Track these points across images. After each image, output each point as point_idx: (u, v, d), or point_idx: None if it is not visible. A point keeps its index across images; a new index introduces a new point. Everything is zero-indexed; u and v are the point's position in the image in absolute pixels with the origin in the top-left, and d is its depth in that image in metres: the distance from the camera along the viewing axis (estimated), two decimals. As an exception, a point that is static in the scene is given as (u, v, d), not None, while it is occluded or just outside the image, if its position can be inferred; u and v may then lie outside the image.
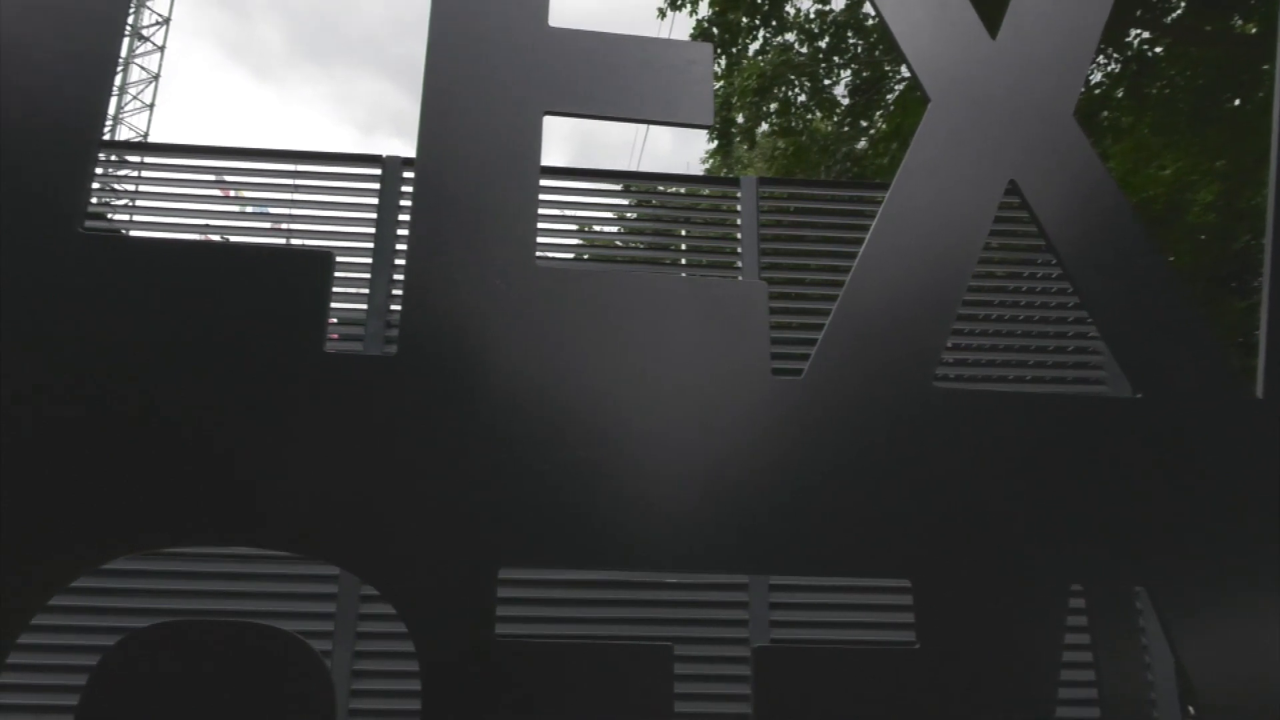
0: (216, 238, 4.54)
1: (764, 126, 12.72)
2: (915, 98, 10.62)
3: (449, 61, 1.06)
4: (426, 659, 0.89)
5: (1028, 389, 4.15)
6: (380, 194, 4.10)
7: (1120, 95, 9.85)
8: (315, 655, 0.88)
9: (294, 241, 4.39)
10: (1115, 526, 1.04)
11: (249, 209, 4.53)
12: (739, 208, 4.31)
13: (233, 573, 3.70)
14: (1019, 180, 1.14)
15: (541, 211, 1.03)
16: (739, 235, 4.27)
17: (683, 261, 4.82)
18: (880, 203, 1.13)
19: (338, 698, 0.90)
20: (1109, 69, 9.98)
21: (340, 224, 4.19)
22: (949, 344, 1.09)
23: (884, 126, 12.05)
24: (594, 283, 1.02)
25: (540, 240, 1.11)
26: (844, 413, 1.04)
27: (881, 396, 1.04)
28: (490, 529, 0.92)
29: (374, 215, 4.09)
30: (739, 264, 4.23)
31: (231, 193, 4.61)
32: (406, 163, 4.13)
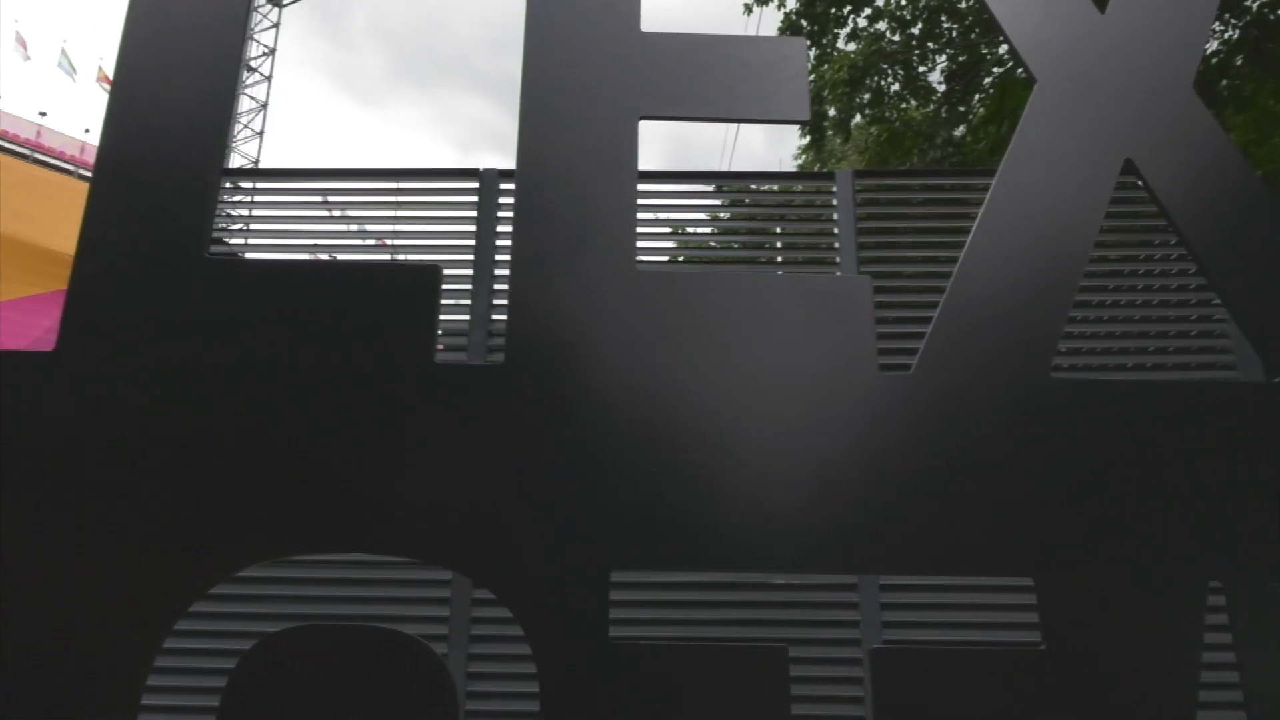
0: (325, 256, 4.72)
1: (857, 118, 12.50)
2: (1016, 79, 10.27)
3: (545, 72, 1.07)
4: (543, 662, 0.90)
5: (1150, 376, 3.95)
6: (479, 206, 4.19)
7: (1239, 63, 9.30)
8: (437, 658, 0.91)
9: (397, 256, 4.53)
10: (1254, 519, 0.98)
11: (354, 227, 4.70)
12: (835, 202, 4.24)
13: (350, 579, 3.83)
14: (1135, 159, 1.09)
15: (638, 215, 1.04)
16: (836, 230, 4.21)
17: (778, 259, 4.78)
18: (982, 189, 1.09)
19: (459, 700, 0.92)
20: (1226, 35, 9.44)
21: (441, 237, 4.30)
22: (1064, 332, 1.05)
23: (982, 111, 11.69)
24: (695, 284, 1.02)
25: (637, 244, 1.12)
26: (957, 406, 1.01)
27: (996, 388, 1.01)
28: (601, 533, 0.93)
29: (473, 227, 4.18)
30: (837, 259, 4.17)
31: (337, 212, 4.79)
32: (503, 174, 4.22)
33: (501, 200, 4.20)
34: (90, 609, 0.92)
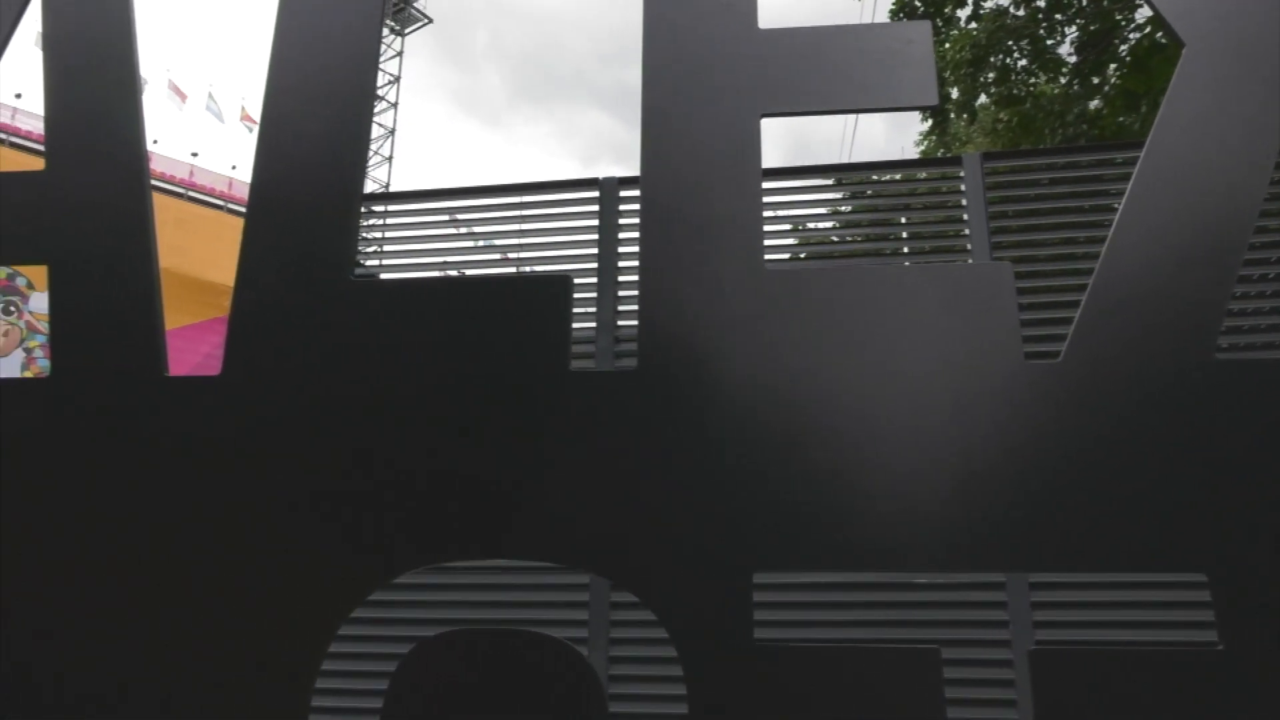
0: (454, 272, 4.88)
1: (982, 98, 12.03)
2: (1156, 45, 9.67)
3: (665, 76, 1.08)
4: (690, 665, 0.90)
5: (1323, 354, 3.65)
6: (600, 214, 4.26)
7: None
8: (585, 661, 0.92)
9: (522, 269, 4.65)
10: None
11: (480, 243, 4.84)
12: (963, 187, 4.10)
13: (491, 584, 3.95)
14: (1303, 120, 1.01)
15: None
16: (965, 216, 4.06)
17: (905, 250, 4.65)
18: (1124, 164, 1.03)
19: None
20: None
21: (564, 247, 4.39)
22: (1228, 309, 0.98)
23: (1119, 81, 11.06)
24: (826, 281, 1.00)
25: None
26: (1111, 393, 0.96)
27: (1154, 373, 0.95)
28: (742, 535, 0.93)
29: (595, 235, 4.25)
30: (968, 246, 4.02)
31: (463, 229, 4.94)
32: (623, 182, 4.27)
33: (622, 207, 4.25)
34: (260, 616, 0.98)
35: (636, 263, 3.48)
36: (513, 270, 4.77)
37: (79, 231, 1.15)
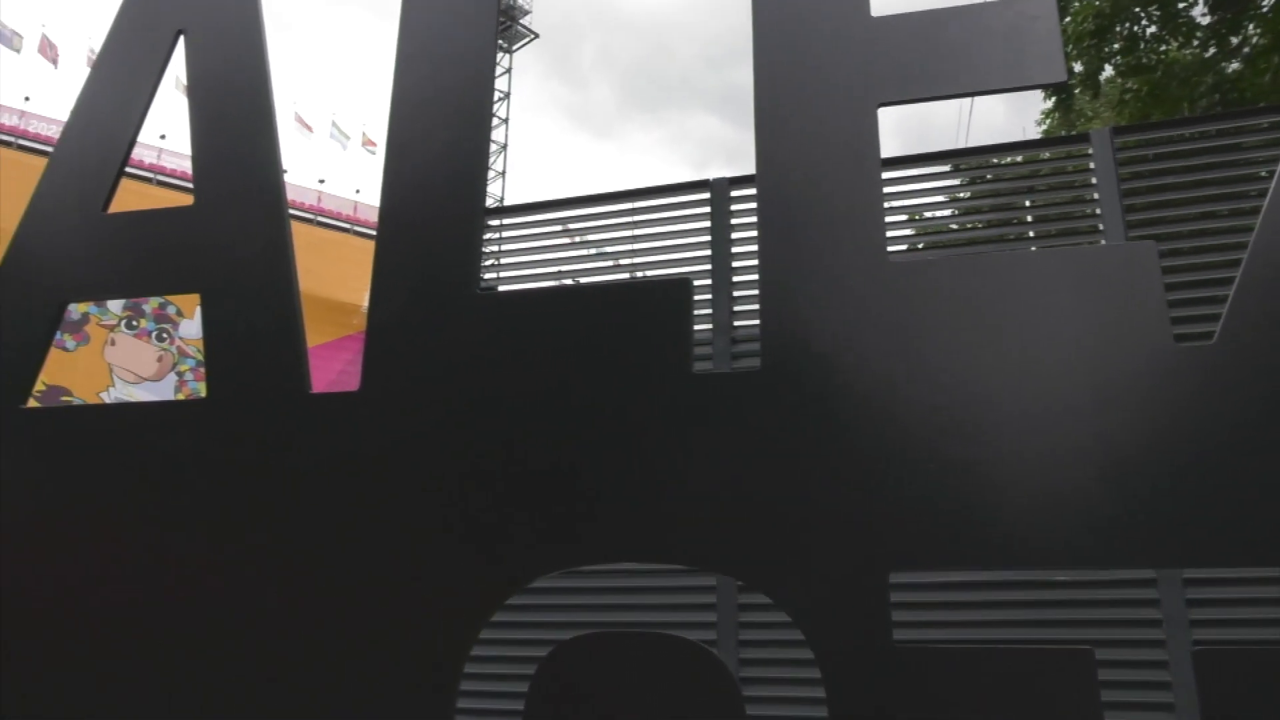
0: (569, 281, 4.96)
1: (1107, 70, 11.42)
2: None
3: (778, 72, 1.07)
4: (828, 668, 0.89)
5: None
6: (712, 216, 4.25)
7: None
8: (722, 664, 0.92)
9: (635, 274, 4.68)
10: None
11: (592, 251, 4.90)
12: (1091, 165, 3.90)
13: (618, 587, 3.98)
14: None
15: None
16: (1095, 195, 3.87)
17: (1030, 235, 4.47)
18: (1270, 129, 0.96)
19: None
20: None
21: (676, 251, 4.40)
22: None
23: (1261, 40, 10.32)
24: (955, 270, 0.97)
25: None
26: (1270, 375, 0.89)
27: (1322, 353, 0.88)
28: (877, 534, 0.91)
29: (708, 237, 4.24)
30: (1100, 226, 3.83)
31: (576, 238, 5.02)
32: (733, 182, 4.25)
33: (734, 208, 4.23)
34: (405, 622, 1.01)
35: (750, 263, 3.45)
36: (627, 276, 4.81)
37: (226, 261, 1.22)
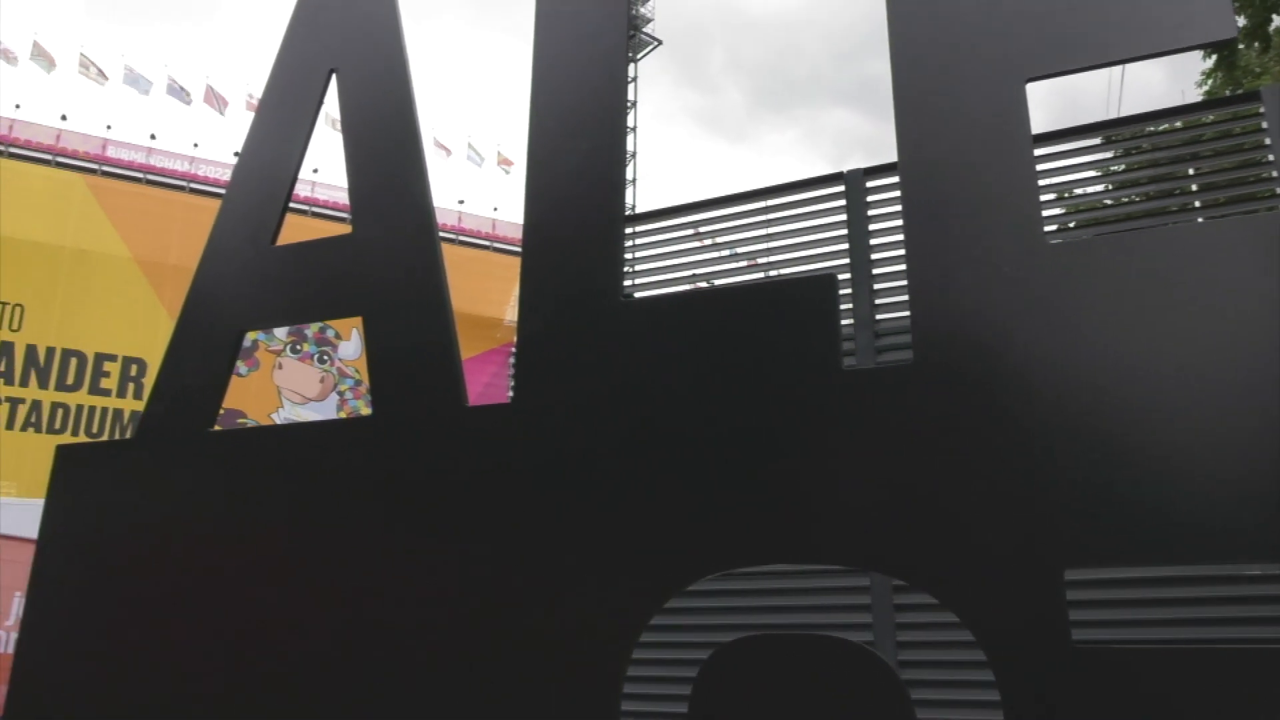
0: (703, 284, 4.95)
1: (1276, 21, 10.50)
2: None
3: (916, 55, 1.04)
4: (1002, 671, 0.85)
5: None
6: (848, 209, 4.16)
7: None
8: (889, 667, 0.90)
9: (770, 273, 4.63)
10: None
11: (725, 252, 4.88)
12: (1264, 125, 3.60)
13: (770, 589, 3.94)
14: None
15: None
16: (1270, 157, 3.56)
17: (1196, 205, 4.16)
18: None
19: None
20: None
21: (812, 247, 4.32)
22: None
23: None
24: (1119, 248, 0.91)
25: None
26: None
27: None
28: (1049, 529, 0.87)
29: (844, 231, 4.15)
30: (1277, 191, 3.52)
31: (708, 241, 5.00)
32: (868, 173, 4.15)
33: (870, 199, 4.13)
34: (566, 627, 1.03)
35: (890, 254, 3.34)
36: (763, 276, 4.77)
37: (384, 284, 1.29)
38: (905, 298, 4.18)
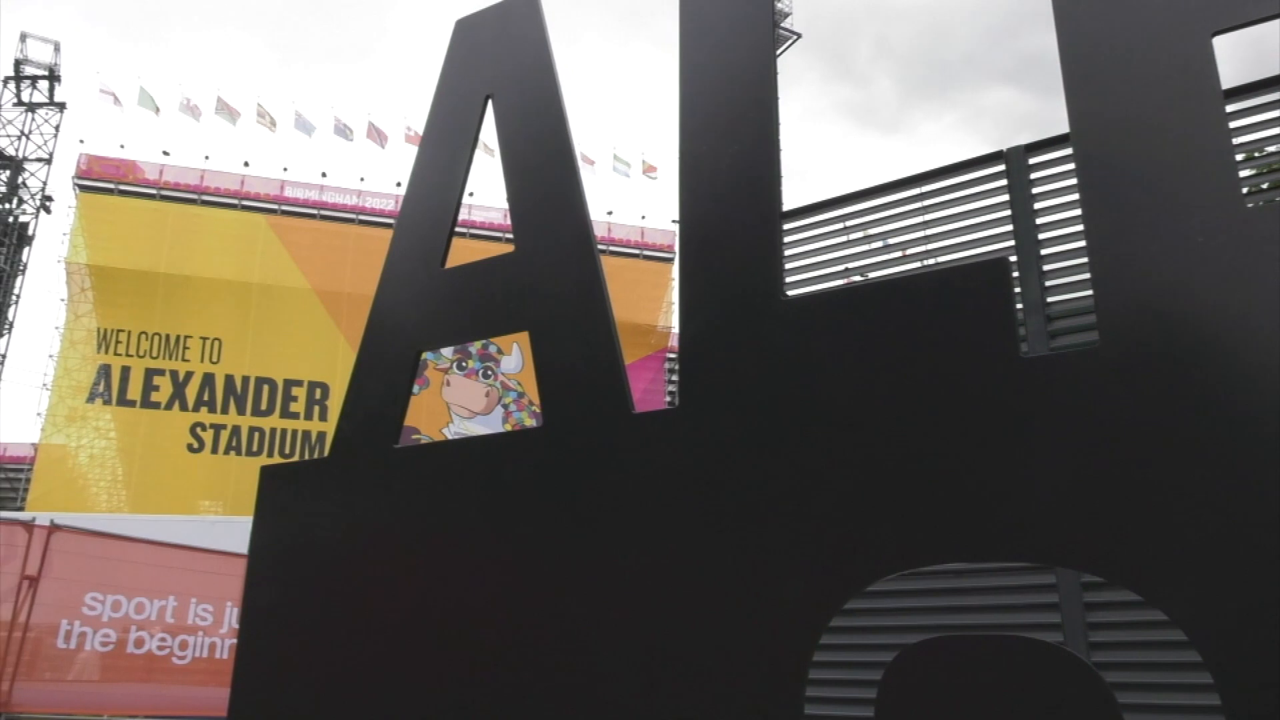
0: (857, 278, 4.84)
1: None
2: None
3: (1085, 17, 0.98)
4: (1226, 682, 0.78)
5: None
6: (1010, 189, 3.97)
7: None
8: (1092, 670, 0.84)
9: (927, 262, 4.47)
10: None
11: (878, 244, 4.75)
12: None
13: (950, 588, 3.80)
14: None
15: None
16: None
17: None
18: None
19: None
20: None
21: (972, 231, 4.15)
22: None
23: None
24: (1336, 206, 0.83)
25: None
26: None
27: None
28: (1264, 517, 0.79)
29: (1008, 212, 3.96)
30: None
31: (858, 234, 4.89)
32: (1029, 149, 3.94)
33: (1033, 176, 3.92)
34: (744, 629, 1.03)
35: (1059, 233, 3.17)
36: (919, 265, 4.61)
37: (549, 299, 1.33)
38: (1079, 278, 3.94)
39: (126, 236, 23.83)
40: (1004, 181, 3.98)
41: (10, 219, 23.99)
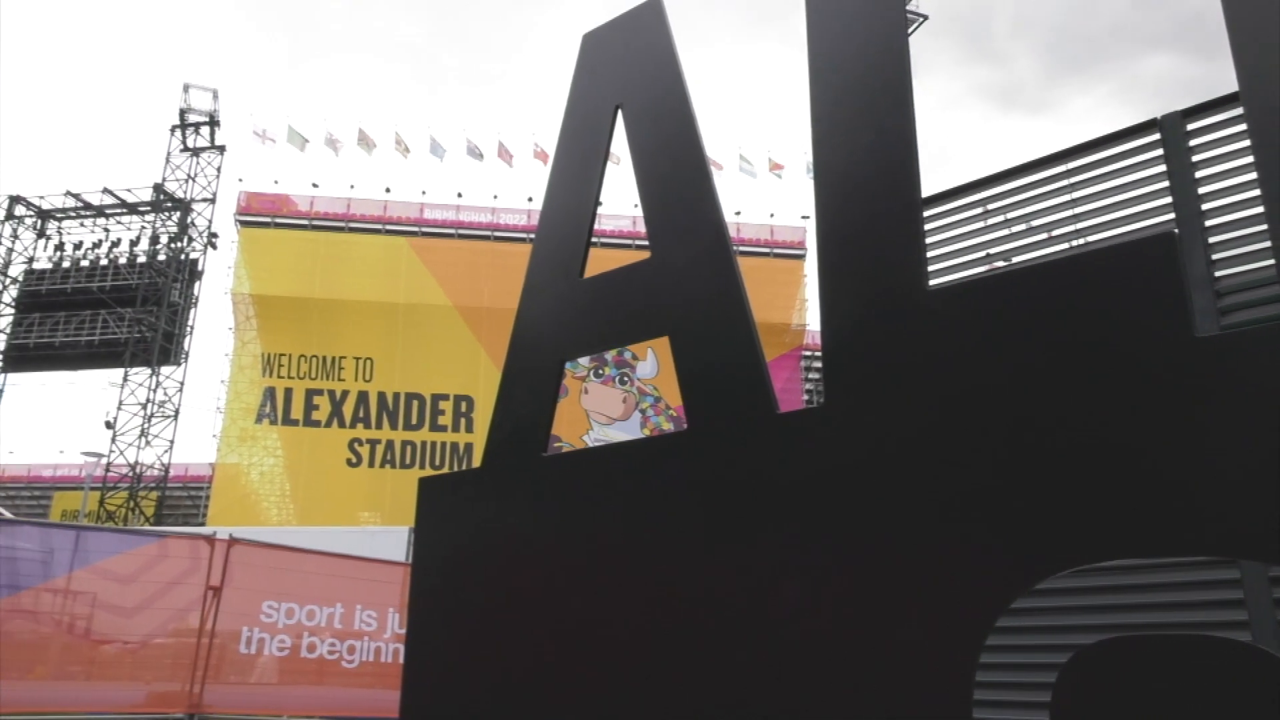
0: (1001, 263, 4.64)
1: None
2: None
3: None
4: None
5: None
6: (1166, 158, 3.72)
7: None
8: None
9: (1074, 243, 4.24)
10: None
11: (1018, 227, 4.54)
12: None
13: (1124, 585, 3.59)
14: None
15: None
16: None
17: None
18: None
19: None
20: None
21: (1125, 207, 3.91)
22: None
23: None
24: None
25: None
26: None
27: None
28: None
29: (1165, 184, 3.72)
30: None
31: (998, 218, 4.68)
32: (1186, 114, 3.68)
33: (1192, 143, 3.67)
34: (904, 631, 1.00)
35: (1224, 202, 2.94)
36: (1067, 247, 4.38)
37: (687, 303, 1.33)
38: (1251, 249, 3.66)
39: (283, 266, 25.48)
40: (1159, 152, 3.74)
41: (182, 257, 26.00)
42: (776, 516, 1.14)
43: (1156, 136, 3.75)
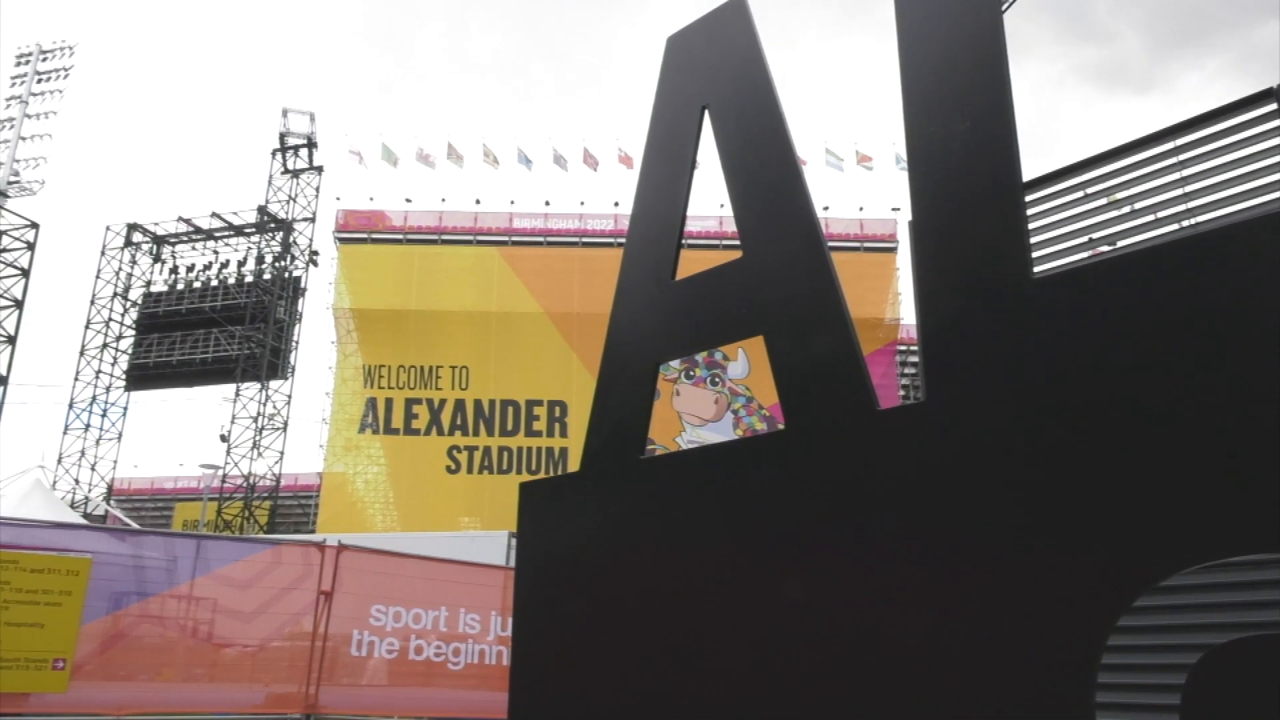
0: (1105, 248, 4.46)
1: None
2: None
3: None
4: None
5: None
6: (1285, 129, 3.52)
7: None
8: None
9: (1184, 224, 4.04)
10: None
11: (1125, 209, 4.36)
12: None
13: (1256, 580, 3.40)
14: None
15: None
16: None
17: None
18: None
19: None
20: None
21: (1239, 183, 3.71)
22: None
23: None
24: None
25: None
26: None
27: None
28: None
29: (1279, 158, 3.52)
30: None
31: (1102, 200, 4.51)
32: (1304, 82, 3.47)
33: (1312, 110, 3.46)
34: (1020, 632, 0.97)
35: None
36: (1176, 227, 4.18)
37: (781, 302, 1.32)
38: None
39: (380, 280, 26.29)
40: (1277, 123, 3.54)
41: (286, 275, 27.10)
42: (881, 515, 1.13)
43: (1274, 107, 3.55)
